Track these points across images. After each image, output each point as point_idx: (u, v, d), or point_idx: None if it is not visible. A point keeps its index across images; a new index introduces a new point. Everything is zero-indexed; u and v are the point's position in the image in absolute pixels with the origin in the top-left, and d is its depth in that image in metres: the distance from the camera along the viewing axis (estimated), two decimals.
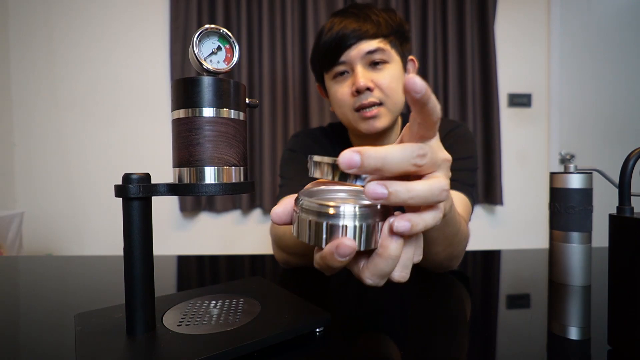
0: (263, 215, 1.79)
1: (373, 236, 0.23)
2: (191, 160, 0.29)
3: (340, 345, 0.33)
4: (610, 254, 0.31)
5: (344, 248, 0.21)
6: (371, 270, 0.23)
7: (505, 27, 1.82)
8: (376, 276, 0.23)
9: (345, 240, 0.21)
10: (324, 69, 0.69)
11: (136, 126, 1.75)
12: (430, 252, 0.49)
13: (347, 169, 0.21)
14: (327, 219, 0.22)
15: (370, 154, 0.20)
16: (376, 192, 0.21)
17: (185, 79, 0.29)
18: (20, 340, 0.34)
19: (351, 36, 0.63)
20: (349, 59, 0.64)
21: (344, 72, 0.66)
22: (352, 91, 0.64)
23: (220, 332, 0.31)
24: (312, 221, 0.23)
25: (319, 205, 0.23)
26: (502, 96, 1.82)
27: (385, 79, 0.64)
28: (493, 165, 1.74)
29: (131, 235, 0.29)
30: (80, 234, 1.77)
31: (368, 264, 0.24)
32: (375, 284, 0.24)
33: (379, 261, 0.23)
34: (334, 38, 0.64)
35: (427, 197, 0.22)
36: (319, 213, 0.23)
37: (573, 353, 0.31)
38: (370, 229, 0.23)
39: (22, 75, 1.74)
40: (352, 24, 0.64)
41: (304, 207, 0.23)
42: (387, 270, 0.23)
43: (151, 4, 1.74)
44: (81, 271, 0.61)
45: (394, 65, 0.66)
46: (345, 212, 0.22)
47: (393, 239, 0.22)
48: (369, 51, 0.63)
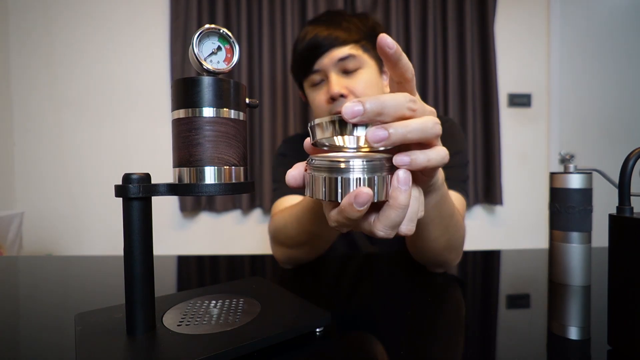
0: (263, 215, 1.79)
1: (384, 188, 0.25)
2: (191, 160, 0.29)
3: (340, 345, 0.33)
4: (610, 254, 0.31)
5: (363, 196, 0.23)
6: (383, 221, 0.25)
7: (505, 27, 1.82)
8: (388, 227, 0.25)
9: (363, 189, 0.23)
10: (301, 78, 0.71)
11: (136, 126, 1.75)
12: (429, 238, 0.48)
13: (351, 118, 0.23)
14: (340, 173, 0.24)
15: (371, 99, 0.23)
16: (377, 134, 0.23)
17: (185, 79, 0.29)
18: (21, 340, 0.34)
19: (323, 44, 0.65)
20: (322, 67, 0.66)
21: (320, 81, 0.68)
22: (327, 98, 0.66)
23: (220, 332, 0.31)
24: (327, 177, 0.24)
25: (331, 161, 0.24)
26: (502, 96, 1.82)
27: (359, 84, 0.65)
28: (493, 165, 1.74)
29: (131, 235, 0.29)
30: (80, 234, 1.77)
31: (380, 216, 0.25)
32: (387, 235, 0.26)
33: (390, 212, 0.25)
34: (306, 46, 0.66)
35: (422, 129, 0.24)
36: (331, 169, 0.24)
37: (573, 353, 0.31)
38: (381, 180, 0.24)
39: (22, 75, 1.74)
40: (323, 31, 0.65)
41: (316, 166, 0.25)
42: (398, 220, 0.25)
43: (151, 3, 1.74)
44: (81, 271, 0.61)
45: (368, 70, 0.67)
46: (357, 165, 0.24)
47: (402, 190, 0.24)
48: (340, 58, 0.65)
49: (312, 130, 0.26)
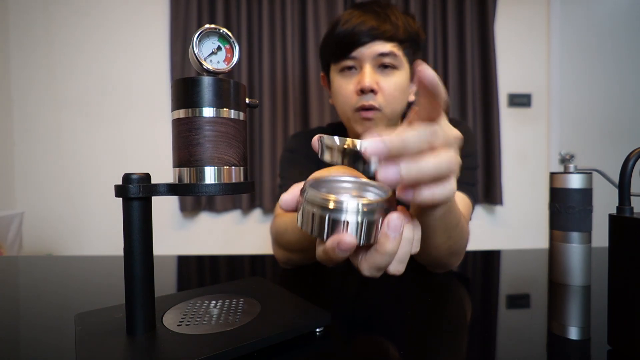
0: (263, 215, 1.79)
1: (373, 232, 0.24)
2: (191, 160, 0.29)
3: (340, 345, 0.33)
4: (610, 254, 0.31)
5: (345, 244, 0.22)
6: (369, 263, 0.25)
7: (505, 27, 1.82)
8: (373, 269, 0.25)
9: (346, 237, 0.22)
10: (332, 60, 0.68)
11: (136, 126, 1.75)
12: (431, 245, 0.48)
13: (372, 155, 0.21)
14: (330, 212, 0.23)
15: (393, 140, 0.21)
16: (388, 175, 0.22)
17: (185, 79, 0.29)
18: (21, 340, 0.34)
19: (367, 34, 0.62)
20: (359, 56, 0.63)
21: (351, 67, 0.65)
22: (356, 89, 0.64)
23: (220, 332, 0.31)
24: (316, 214, 0.24)
25: (323, 199, 0.23)
26: (502, 96, 1.82)
27: (390, 84, 0.63)
28: (493, 165, 1.74)
29: (131, 235, 0.29)
30: (80, 234, 1.77)
31: (366, 257, 0.25)
32: (372, 275, 0.25)
33: (376, 256, 0.24)
34: (349, 32, 0.63)
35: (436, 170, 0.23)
36: (322, 207, 0.23)
37: (573, 353, 0.31)
38: (371, 225, 0.23)
39: (22, 75, 1.74)
40: (371, 21, 0.62)
41: (309, 199, 0.24)
42: (383, 265, 0.25)
43: (151, 3, 1.74)
44: (81, 271, 0.61)
45: (402, 72, 0.65)
46: (349, 207, 0.23)
47: (390, 237, 0.24)
48: (381, 53, 0.62)
49: (322, 147, 0.25)
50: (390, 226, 0.23)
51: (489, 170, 1.76)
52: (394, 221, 0.23)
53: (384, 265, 0.25)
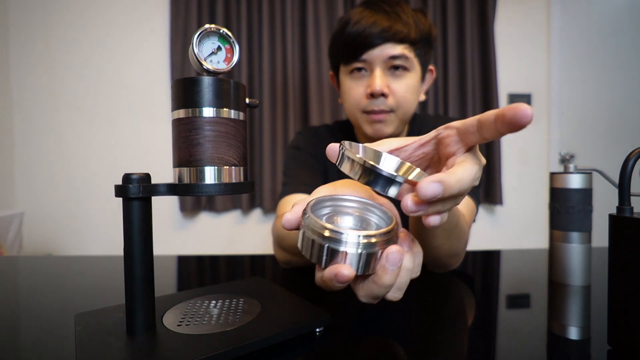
0: (263, 215, 1.79)
1: (372, 263, 0.24)
2: (191, 160, 0.29)
3: (340, 345, 0.33)
4: (610, 254, 0.31)
5: (342, 277, 0.22)
6: (366, 291, 0.25)
7: (505, 27, 1.82)
8: (369, 297, 0.25)
9: (344, 270, 0.22)
10: (342, 61, 0.66)
11: (136, 126, 1.75)
12: (430, 246, 0.48)
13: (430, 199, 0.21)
14: (329, 242, 0.23)
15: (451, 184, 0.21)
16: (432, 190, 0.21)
17: (185, 79, 0.29)
18: (21, 340, 0.34)
19: (378, 36, 0.60)
20: (370, 59, 0.61)
21: (361, 69, 0.64)
22: (366, 93, 0.62)
23: (220, 332, 0.31)
24: (316, 242, 0.23)
25: (323, 227, 0.23)
26: (502, 96, 1.82)
27: (401, 87, 0.62)
28: (493, 165, 1.74)
29: (131, 235, 0.29)
30: (80, 234, 1.77)
31: (363, 285, 0.25)
32: (369, 302, 0.26)
33: (373, 286, 0.24)
34: (360, 33, 0.61)
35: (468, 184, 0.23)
36: (322, 235, 0.23)
37: (573, 353, 0.31)
38: (370, 257, 0.23)
39: (22, 75, 1.74)
40: (383, 21, 0.60)
41: (310, 226, 0.24)
42: (380, 295, 0.25)
43: (151, 4, 1.74)
44: (81, 271, 0.61)
45: (413, 74, 0.64)
46: (348, 239, 0.23)
47: (389, 270, 0.23)
48: (392, 56, 0.61)
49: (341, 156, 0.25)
50: (389, 260, 0.23)
51: (489, 170, 1.76)
52: (393, 255, 0.23)
53: (381, 295, 0.25)
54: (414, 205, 0.22)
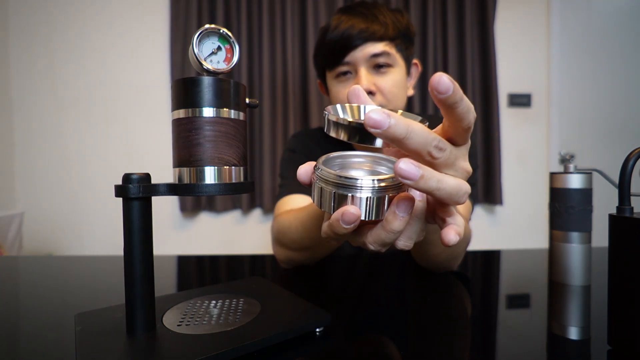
0: (263, 215, 1.79)
1: (381, 208, 0.24)
2: (191, 160, 0.29)
3: (340, 345, 0.33)
4: (610, 254, 0.31)
5: (349, 216, 0.23)
6: (374, 237, 0.25)
7: (505, 27, 1.81)
8: (377, 244, 0.25)
9: (350, 208, 0.23)
10: (327, 67, 0.68)
11: (136, 126, 1.75)
12: (430, 254, 0.49)
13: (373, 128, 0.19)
14: (336, 188, 0.24)
15: (400, 120, 0.20)
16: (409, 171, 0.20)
17: (185, 79, 0.29)
18: (21, 340, 0.34)
19: (357, 37, 0.62)
20: (353, 60, 0.63)
21: (346, 72, 0.65)
22: None
23: (220, 332, 0.31)
24: (323, 188, 0.24)
25: (331, 175, 0.24)
26: (502, 96, 1.82)
27: (387, 83, 0.64)
28: (493, 165, 1.74)
29: (131, 235, 0.29)
30: (80, 234, 1.77)
31: (372, 231, 0.25)
32: (377, 250, 0.25)
33: (381, 232, 0.24)
34: (339, 37, 0.63)
35: (451, 194, 0.22)
36: (328, 182, 0.24)
37: (573, 353, 0.31)
38: (379, 201, 0.24)
39: (22, 75, 1.74)
40: (360, 23, 0.62)
41: (318, 175, 0.25)
42: (388, 242, 0.25)
43: (151, 4, 1.74)
44: (81, 271, 0.61)
45: (397, 69, 0.65)
46: (358, 184, 0.23)
47: (398, 217, 0.23)
48: (374, 54, 0.62)
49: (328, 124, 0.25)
50: (400, 206, 0.23)
51: (489, 170, 1.76)
52: (404, 202, 0.23)
53: (388, 242, 0.25)
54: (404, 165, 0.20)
